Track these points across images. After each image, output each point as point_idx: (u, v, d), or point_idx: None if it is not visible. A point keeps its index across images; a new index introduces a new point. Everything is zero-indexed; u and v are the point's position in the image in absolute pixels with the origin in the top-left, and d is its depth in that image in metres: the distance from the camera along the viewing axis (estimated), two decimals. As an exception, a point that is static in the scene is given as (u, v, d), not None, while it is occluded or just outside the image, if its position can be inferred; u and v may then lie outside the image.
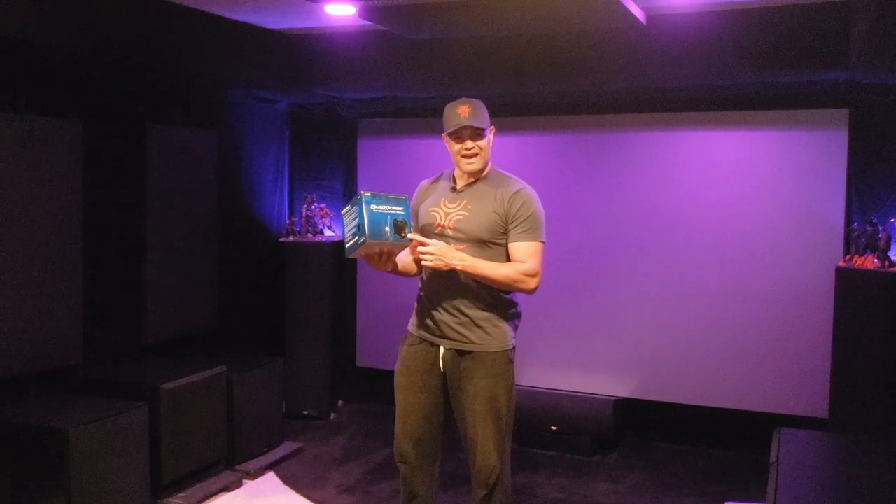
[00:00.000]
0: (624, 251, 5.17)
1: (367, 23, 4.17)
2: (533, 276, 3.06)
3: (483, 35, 4.49)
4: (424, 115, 5.51)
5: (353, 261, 5.83)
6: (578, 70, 4.65)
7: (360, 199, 2.88)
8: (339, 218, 5.86)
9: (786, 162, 4.82)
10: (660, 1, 4.02)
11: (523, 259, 3.07)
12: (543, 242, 3.14)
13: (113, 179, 4.50)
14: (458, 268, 3.01)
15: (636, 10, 3.71)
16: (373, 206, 2.88)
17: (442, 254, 2.99)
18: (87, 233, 4.22)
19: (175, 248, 4.83)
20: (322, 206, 5.77)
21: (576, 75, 4.69)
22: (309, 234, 5.70)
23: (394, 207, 2.94)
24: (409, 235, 2.98)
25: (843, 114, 4.69)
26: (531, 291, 3.11)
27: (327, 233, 5.76)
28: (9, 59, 3.84)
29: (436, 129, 3.23)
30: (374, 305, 5.86)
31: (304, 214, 5.73)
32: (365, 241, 2.87)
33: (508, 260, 3.12)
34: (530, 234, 3.09)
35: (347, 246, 2.97)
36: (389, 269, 3.11)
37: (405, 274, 3.26)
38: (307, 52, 5.07)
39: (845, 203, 4.69)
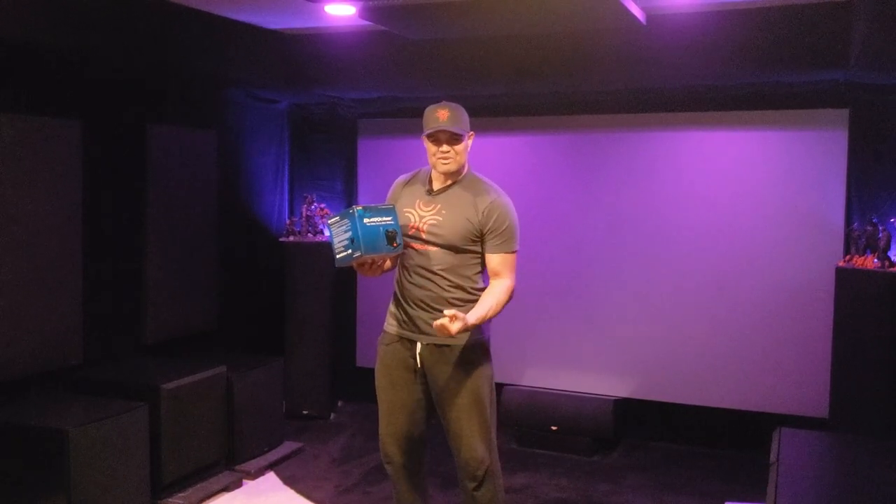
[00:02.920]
0: (623, 251, 5.17)
1: (367, 23, 4.17)
2: (513, 288, 3.16)
3: (483, 35, 4.49)
4: (424, 116, 5.51)
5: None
6: (578, 70, 4.65)
7: (353, 213, 2.92)
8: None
9: (786, 162, 4.82)
10: (660, 1, 4.02)
11: (501, 272, 3.15)
12: (517, 251, 3.21)
13: (113, 179, 4.50)
14: (476, 324, 3.01)
15: (636, 10, 3.71)
16: (365, 220, 2.93)
17: (464, 328, 2.95)
18: (87, 233, 4.23)
19: (175, 248, 4.84)
20: (322, 206, 5.77)
21: (576, 75, 4.69)
22: (309, 234, 5.70)
23: (384, 218, 2.99)
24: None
25: (843, 114, 4.69)
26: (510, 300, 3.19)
27: (327, 233, 5.75)
28: (9, 59, 3.84)
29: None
30: (374, 305, 5.84)
31: (304, 214, 5.73)
32: (360, 255, 2.92)
33: (482, 263, 3.17)
34: (506, 245, 3.16)
35: (339, 257, 3.01)
36: (378, 275, 3.16)
37: (384, 272, 3.29)
38: (307, 52, 5.07)
39: (845, 203, 4.68)
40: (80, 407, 3.80)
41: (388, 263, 3.22)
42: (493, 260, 3.15)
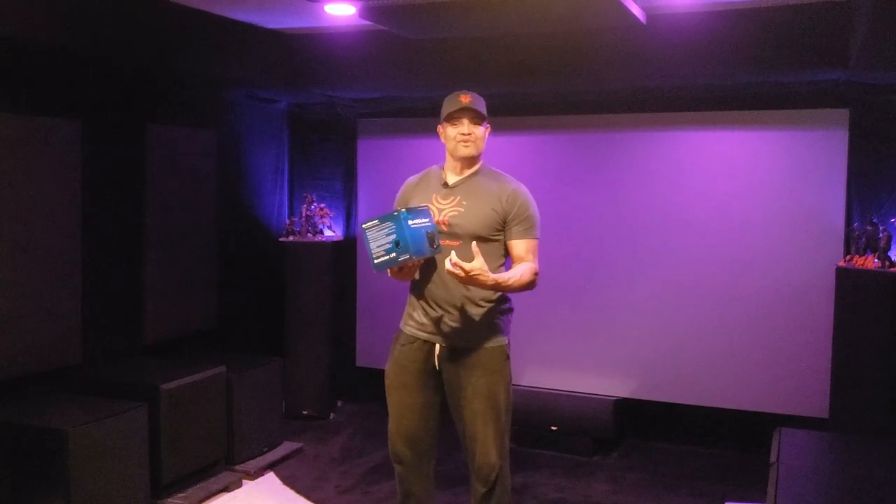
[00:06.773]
0: (623, 251, 5.17)
1: (367, 23, 4.16)
2: (537, 273, 3.13)
3: (483, 35, 4.49)
4: (424, 115, 5.48)
5: (353, 260, 5.84)
6: (578, 70, 4.65)
7: (398, 216, 2.82)
8: (341, 219, 5.88)
9: (786, 162, 4.82)
10: (660, 1, 4.02)
11: (526, 257, 3.11)
12: (539, 239, 3.18)
13: (112, 179, 4.50)
14: (491, 286, 2.96)
15: (636, 10, 3.71)
16: (410, 223, 2.83)
17: (478, 277, 2.87)
18: (86, 233, 4.23)
19: (175, 248, 4.84)
20: (322, 205, 5.77)
21: (576, 75, 4.69)
22: (309, 234, 5.70)
23: (423, 220, 2.91)
24: (456, 263, 2.90)
25: (843, 114, 4.68)
26: (534, 287, 3.14)
27: (327, 233, 5.76)
28: (9, 59, 3.84)
29: (436, 129, 3.23)
30: (374, 305, 5.86)
31: (303, 214, 5.73)
32: (408, 258, 2.82)
33: (506, 254, 3.15)
34: (530, 231, 3.14)
35: (378, 261, 2.87)
36: (410, 278, 3.10)
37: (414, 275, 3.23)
38: (307, 52, 5.07)
39: (845, 203, 4.68)
40: (80, 407, 3.80)
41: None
42: (518, 246, 3.12)
